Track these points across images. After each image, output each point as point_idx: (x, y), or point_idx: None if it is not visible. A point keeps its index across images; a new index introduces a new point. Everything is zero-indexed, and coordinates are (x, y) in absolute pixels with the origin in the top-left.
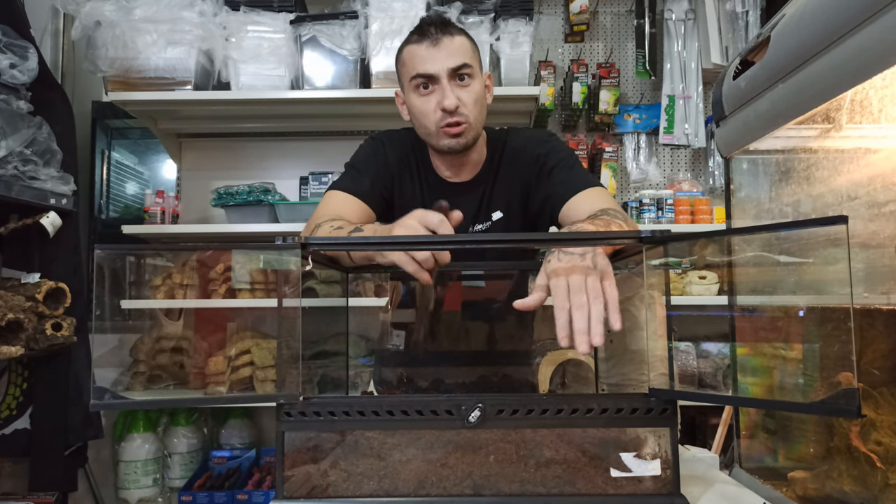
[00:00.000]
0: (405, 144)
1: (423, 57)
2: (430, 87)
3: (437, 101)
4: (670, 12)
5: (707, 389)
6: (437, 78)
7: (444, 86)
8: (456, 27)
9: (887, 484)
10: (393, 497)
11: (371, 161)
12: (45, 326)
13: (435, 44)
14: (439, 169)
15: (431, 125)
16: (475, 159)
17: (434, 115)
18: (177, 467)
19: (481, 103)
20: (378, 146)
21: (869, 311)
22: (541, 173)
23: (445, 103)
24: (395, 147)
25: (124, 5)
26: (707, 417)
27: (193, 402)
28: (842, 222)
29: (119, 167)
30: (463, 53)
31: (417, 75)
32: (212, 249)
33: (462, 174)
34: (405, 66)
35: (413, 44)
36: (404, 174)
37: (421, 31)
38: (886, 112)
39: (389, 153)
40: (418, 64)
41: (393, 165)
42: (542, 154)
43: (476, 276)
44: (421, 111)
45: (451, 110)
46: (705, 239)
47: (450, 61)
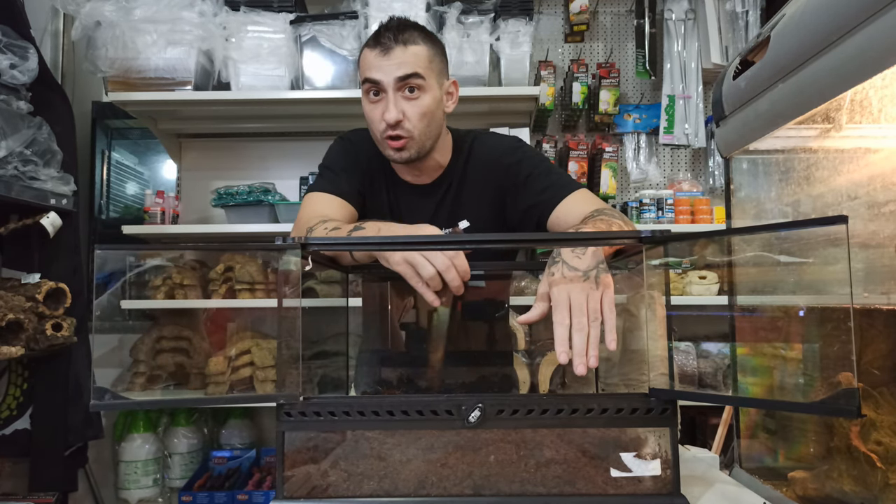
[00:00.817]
0: (372, 144)
1: (372, 64)
2: (378, 94)
3: (380, 112)
4: (670, 12)
5: (707, 389)
6: (384, 86)
7: (388, 97)
8: (416, 34)
9: (887, 484)
10: (393, 497)
11: (343, 160)
12: (45, 327)
13: (385, 52)
14: (399, 171)
15: (377, 133)
16: (433, 165)
17: (379, 125)
18: (177, 467)
19: (430, 116)
20: (347, 145)
21: (869, 311)
22: (517, 184)
23: (386, 116)
24: (363, 146)
25: (124, 5)
26: (707, 417)
27: (193, 402)
28: (842, 222)
29: (119, 167)
30: (414, 64)
31: (366, 80)
32: (212, 249)
33: (422, 177)
34: (360, 69)
35: (368, 48)
36: (374, 172)
37: (377, 35)
38: (886, 112)
39: (360, 152)
40: (367, 70)
41: (363, 163)
42: (514, 163)
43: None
44: (369, 117)
45: (391, 124)
46: (705, 239)
47: (398, 71)
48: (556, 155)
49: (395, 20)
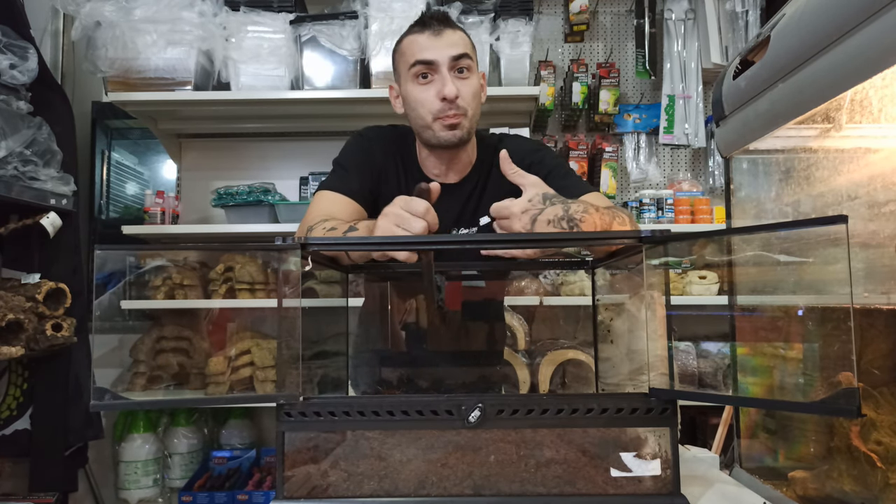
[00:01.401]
0: (390, 141)
1: (424, 45)
2: (429, 76)
3: (436, 91)
4: (670, 12)
5: (707, 389)
6: (438, 66)
7: (444, 75)
8: (456, 24)
9: (887, 484)
10: (393, 497)
11: (358, 158)
12: (45, 327)
13: (437, 33)
14: (426, 167)
15: (428, 115)
16: (465, 159)
17: (432, 105)
18: (177, 467)
19: (478, 99)
20: (364, 142)
21: (869, 311)
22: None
23: (445, 91)
24: (380, 143)
25: (124, 6)
26: (707, 417)
27: (193, 402)
28: (842, 222)
29: (119, 167)
30: (464, 45)
31: (417, 62)
32: (212, 249)
33: (450, 174)
34: (403, 56)
35: (414, 33)
36: (390, 170)
37: (423, 21)
38: (886, 112)
39: (376, 149)
40: (418, 51)
41: (379, 161)
42: (535, 163)
43: (470, 276)
44: (418, 100)
45: (451, 98)
46: (705, 239)
47: (451, 50)
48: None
49: (434, 10)
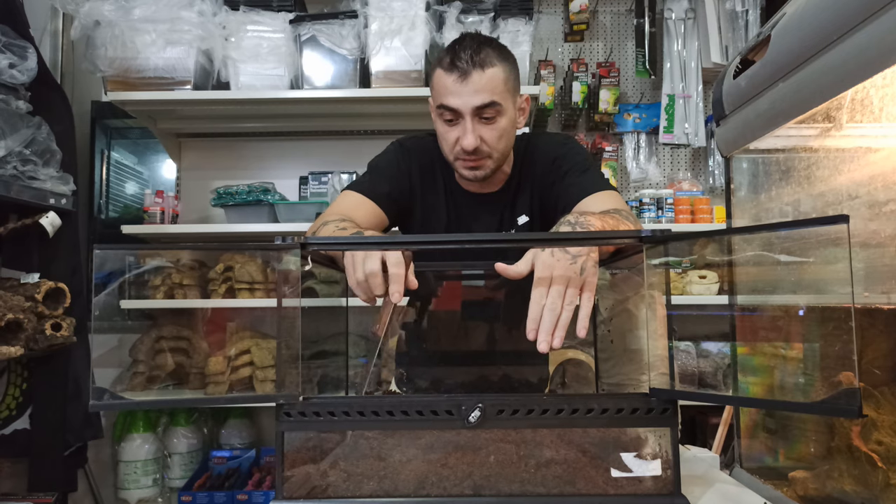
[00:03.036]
0: (430, 153)
1: (449, 90)
2: (453, 119)
3: (457, 136)
4: (670, 11)
5: (707, 389)
6: (461, 114)
7: (465, 124)
8: (493, 54)
9: (888, 484)
10: (393, 497)
11: (394, 167)
12: (44, 326)
13: (463, 78)
14: (463, 182)
15: (450, 154)
16: (500, 176)
17: (454, 148)
18: (176, 467)
19: (506, 137)
20: (404, 153)
21: (870, 311)
22: (556, 176)
23: (464, 143)
24: (420, 156)
25: (123, 5)
26: (707, 417)
27: (193, 402)
28: (842, 221)
29: (119, 167)
30: (491, 90)
31: (442, 106)
32: (211, 249)
33: (486, 187)
34: (434, 90)
35: (444, 70)
36: (427, 184)
37: (454, 58)
38: (887, 111)
39: (413, 162)
40: (443, 95)
41: (415, 175)
42: (560, 157)
43: (476, 276)
44: (443, 139)
45: (468, 151)
46: (705, 238)
47: (475, 99)
48: None
49: (470, 38)
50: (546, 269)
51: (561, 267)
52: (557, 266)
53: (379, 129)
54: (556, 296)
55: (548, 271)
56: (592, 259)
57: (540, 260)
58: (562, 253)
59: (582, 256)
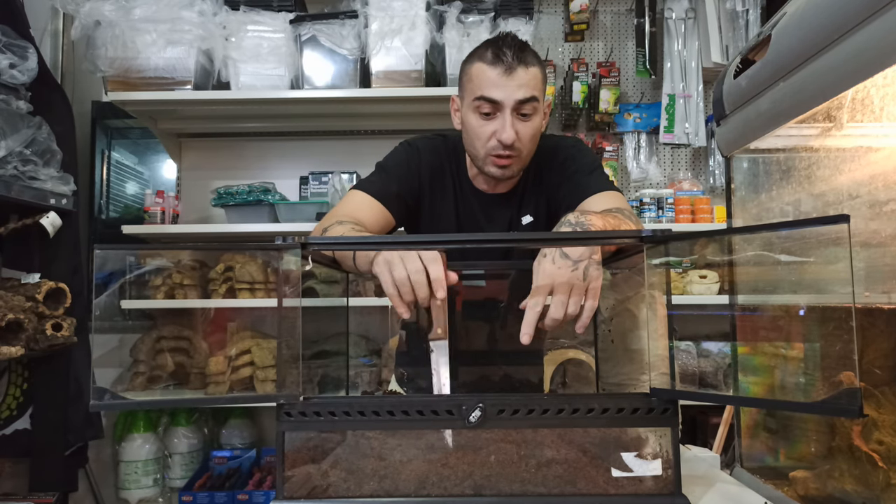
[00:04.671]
0: (440, 154)
1: (493, 82)
2: (491, 113)
3: (494, 130)
4: (670, 11)
5: (708, 389)
6: (502, 107)
7: (506, 117)
8: (532, 55)
9: (889, 483)
10: (393, 497)
11: (403, 167)
12: (45, 327)
13: (509, 72)
14: (476, 180)
15: (481, 150)
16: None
17: (488, 142)
18: (177, 467)
19: (536, 138)
20: (413, 153)
21: (870, 311)
22: (563, 177)
23: (504, 137)
24: (429, 156)
25: (124, 5)
26: (708, 417)
27: (193, 402)
28: (843, 221)
29: (119, 167)
30: (533, 87)
31: (482, 98)
32: (212, 249)
33: (499, 187)
34: (471, 82)
35: (486, 63)
36: (436, 183)
37: (497, 52)
38: (888, 110)
39: (423, 162)
40: (486, 87)
41: (424, 176)
42: (568, 158)
43: (478, 276)
44: (476, 133)
45: (507, 144)
46: (706, 238)
47: (519, 93)
48: None
49: (511, 37)
50: (547, 277)
51: (562, 274)
52: (559, 274)
53: (379, 129)
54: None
55: (548, 279)
56: (595, 262)
57: (541, 268)
58: (563, 260)
59: (584, 261)
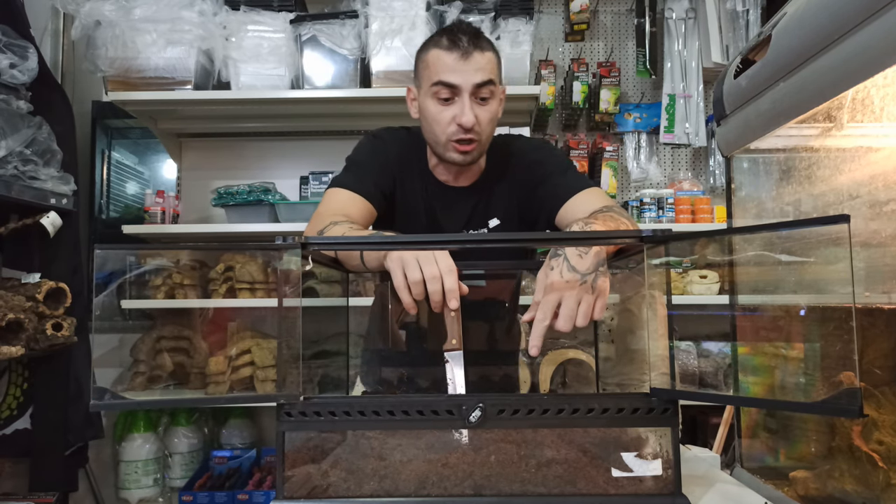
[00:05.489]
0: (406, 144)
1: (451, 67)
2: (450, 98)
3: (453, 115)
4: (671, 11)
5: (708, 389)
6: (460, 91)
7: (464, 101)
8: (486, 40)
9: (889, 484)
10: (393, 497)
11: (373, 158)
12: (45, 326)
13: (465, 56)
14: (436, 172)
15: (442, 135)
16: (475, 168)
17: (448, 128)
18: (177, 467)
19: (495, 121)
20: (379, 143)
21: (870, 311)
22: (535, 180)
23: (463, 120)
24: (396, 146)
25: (124, 5)
26: (708, 417)
27: (193, 402)
28: (843, 221)
29: (119, 167)
30: (490, 70)
31: (440, 83)
32: (212, 249)
33: (460, 180)
34: (428, 69)
35: (442, 49)
36: (405, 173)
37: (452, 38)
38: (888, 110)
39: (391, 151)
40: (443, 72)
41: (394, 164)
42: (537, 160)
43: (474, 276)
44: (435, 119)
45: (467, 128)
46: (706, 238)
47: (476, 77)
48: None
49: (465, 24)
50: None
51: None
52: (567, 287)
53: None
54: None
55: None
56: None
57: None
58: (571, 273)
59: (591, 273)
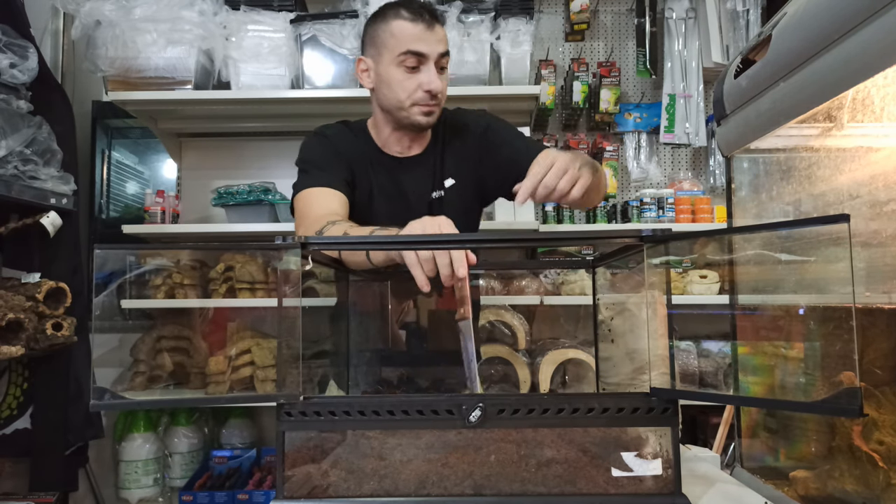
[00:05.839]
0: (347, 134)
1: (418, 37)
2: (415, 66)
3: (419, 82)
4: (671, 11)
5: (708, 388)
6: (427, 60)
7: (430, 68)
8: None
9: (889, 484)
10: (393, 497)
11: (326, 153)
12: (45, 326)
13: (430, 27)
14: (388, 144)
15: (408, 100)
16: (424, 135)
17: (414, 93)
18: (177, 467)
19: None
20: (323, 139)
21: (870, 311)
22: (489, 143)
23: (432, 86)
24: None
25: (124, 5)
26: (708, 417)
27: (193, 402)
28: (843, 221)
29: (119, 167)
30: (447, 42)
31: (409, 52)
32: (212, 249)
33: (412, 149)
34: (394, 38)
35: (406, 21)
36: (356, 160)
37: (413, 10)
38: (888, 110)
39: (339, 143)
40: (412, 41)
41: (344, 154)
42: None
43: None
44: (402, 86)
45: (436, 93)
46: (706, 238)
47: (440, 47)
48: None
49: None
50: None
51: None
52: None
53: None
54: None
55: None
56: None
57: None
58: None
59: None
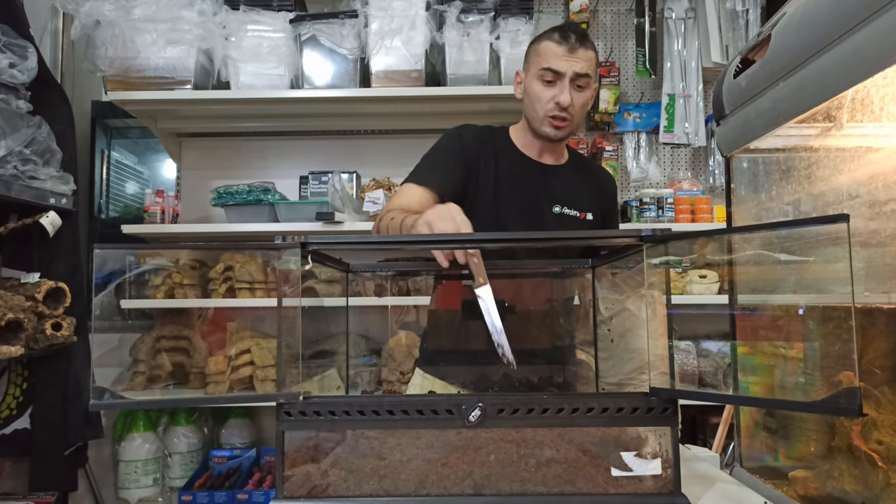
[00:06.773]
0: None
1: (558, 55)
2: (552, 81)
3: (553, 95)
4: (670, 11)
5: (707, 388)
6: (562, 77)
7: (565, 85)
8: (591, 42)
9: (888, 483)
10: (393, 497)
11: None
12: (45, 326)
13: (572, 50)
14: (525, 146)
15: (541, 111)
16: (558, 150)
17: (546, 105)
18: (177, 467)
19: (585, 109)
20: (455, 137)
21: (870, 310)
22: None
23: (561, 99)
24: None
25: (124, 5)
26: (707, 416)
27: (193, 401)
28: (843, 221)
29: (119, 167)
30: (589, 66)
31: (547, 69)
32: (212, 249)
33: (545, 157)
34: (538, 56)
35: (553, 42)
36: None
37: (564, 34)
38: (888, 110)
39: (471, 142)
40: (552, 59)
41: (473, 153)
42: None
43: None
44: (538, 97)
45: (564, 106)
46: (705, 238)
47: (577, 66)
48: None
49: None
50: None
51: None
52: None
53: (379, 129)
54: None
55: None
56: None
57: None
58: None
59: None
